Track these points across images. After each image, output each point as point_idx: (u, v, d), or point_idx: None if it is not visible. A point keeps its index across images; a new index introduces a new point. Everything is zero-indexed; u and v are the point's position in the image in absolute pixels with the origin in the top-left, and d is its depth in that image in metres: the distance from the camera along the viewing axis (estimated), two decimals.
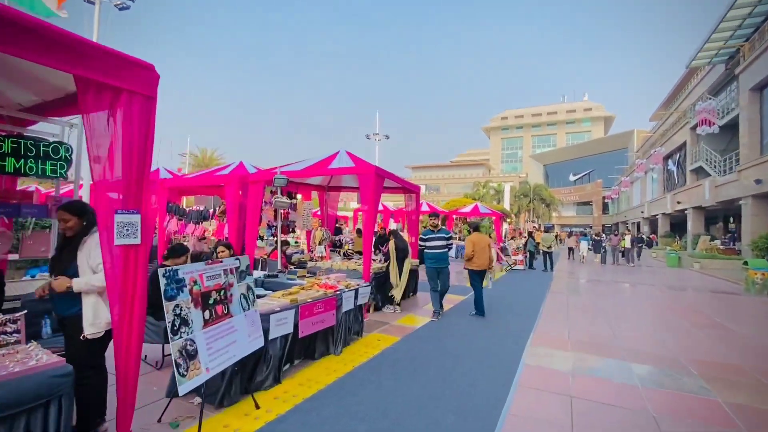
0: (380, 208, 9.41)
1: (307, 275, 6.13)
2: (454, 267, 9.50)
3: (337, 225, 11.23)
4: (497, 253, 15.00)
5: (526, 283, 11.40)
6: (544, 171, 71.03)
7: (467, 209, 20.10)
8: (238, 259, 3.33)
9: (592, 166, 62.24)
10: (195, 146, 37.45)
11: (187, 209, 8.95)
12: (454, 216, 20.82)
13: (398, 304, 7.02)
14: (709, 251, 18.38)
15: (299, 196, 10.25)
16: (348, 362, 4.33)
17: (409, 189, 8.68)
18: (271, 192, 8.11)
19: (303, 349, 4.26)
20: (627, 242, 18.69)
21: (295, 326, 3.87)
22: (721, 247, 19.03)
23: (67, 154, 3.95)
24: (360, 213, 25.18)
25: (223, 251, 4.93)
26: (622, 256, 18.99)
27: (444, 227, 6.56)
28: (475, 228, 7.33)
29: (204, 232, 8.80)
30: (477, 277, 6.90)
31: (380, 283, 6.83)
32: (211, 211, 8.75)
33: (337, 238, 9.17)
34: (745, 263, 11.28)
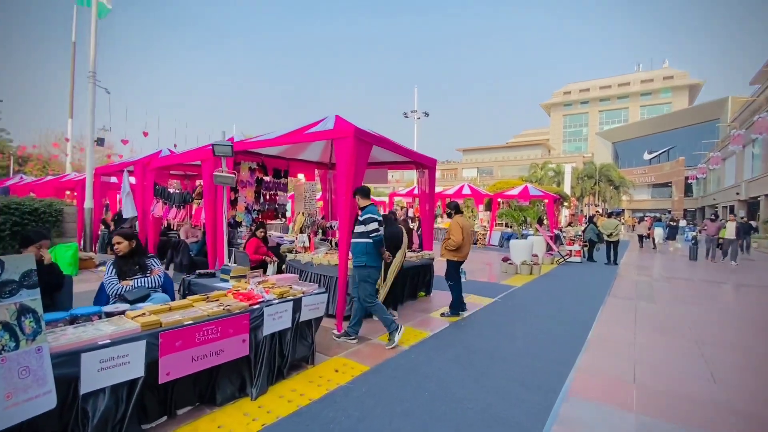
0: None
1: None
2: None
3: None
4: (548, 243, 12.62)
5: (580, 281, 9.09)
6: (613, 150, 63.76)
7: (514, 191, 17.63)
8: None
9: (673, 142, 54.50)
10: (241, 134, 37.88)
11: (171, 191, 7.97)
12: (499, 199, 18.41)
13: (393, 310, 5.36)
14: None
15: (301, 176, 8.87)
16: (263, 414, 2.80)
17: (420, 162, 6.87)
18: (250, 169, 6.78)
19: (191, 391, 2.80)
20: (729, 231, 13.22)
21: (154, 365, 2.41)
22: None
23: None
24: (396, 198, 23.46)
25: (119, 243, 3.59)
26: (719, 248, 14.00)
27: (371, 206, 4.53)
28: (456, 209, 5.70)
29: (184, 217, 7.75)
30: (458, 270, 5.64)
31: None
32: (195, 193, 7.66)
33: (329, 224, 7.62)
34: None
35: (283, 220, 8.87)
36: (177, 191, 8.09)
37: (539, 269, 9.88)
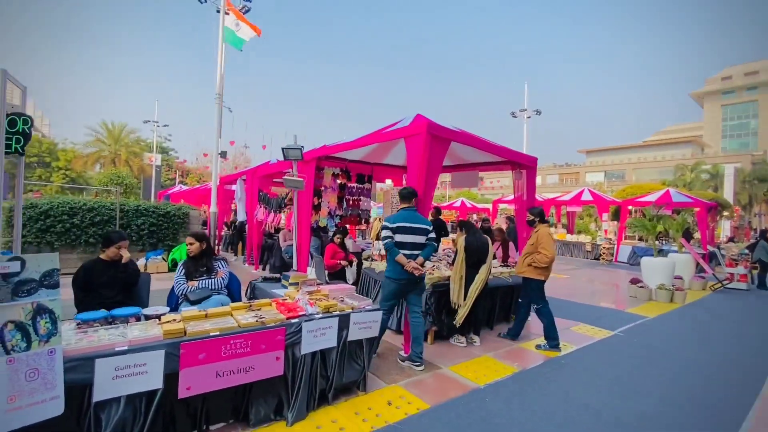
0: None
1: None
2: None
3: (434, 218, 9.05)
4: (698, 263, 9.96)
5: (744, 316, 6.79)
6: None
7: (651, 197, 14.59)
8: (19, 259, 1.89)
9: None
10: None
11: (270, 197, 8.49)
12: (630, 207, 15.47)
13: (474, 335, 4.57)
14: None
15: (389, 181, 8.62)
16: None
17: (516, 162, 5.90)
18: (333, 174, 6.72)
19: (226, 407, 2.59)
20: None
21: (173, 377, 2.23)
22: None
23: (25, 127, 3.30)
24: (501, 206, 21.71)
25: (192, 243, 3.69)
26: None
27: (402, 210, 3.86)
28: (540, 216, 4.71)
29: (279, 221, 8.13)
30: (543, 292, 4.62)
31: (447, 298, 4.54)
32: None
33: None
34: None
35: (367, 225, 8.72)
36: (277, 196, 8.61)
37: (683, 296, 7.73)
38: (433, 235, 3.89)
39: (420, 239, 3.79)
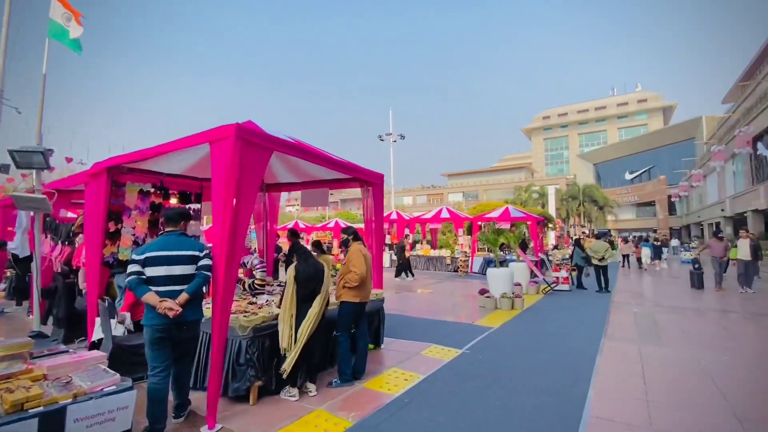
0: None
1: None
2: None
3: (279, 243, 8.20)
4: (531, 270, 11.22)
5: (569, 317, 7.65)
6: (595, 171, 64.10)
7: (495, 213, 16.41)
8: None
9: (652, 162, 54.91)
10: None
11: (60, 223, 6.43)
12: (480, 222, 17.14)
13: (309, 383, 3.78)
14: None
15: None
16: None
17: (362, 179, 5.48)
18: (143, 193, 5.29)
19: None
20: (743, 250, 10.31)
21: None
22: None
23: None
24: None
25: None
26: (726, 272, 11.47)
27: (162, 235, 3.33)
28: (354, 235, 4.36)
29: (66, 255, 6.12)
30: (352, 318, 4.15)
31: (274, 343, 3.67)
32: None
33: (243, 259, 6.07)
34: None
35: None
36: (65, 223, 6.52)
37: (522, 302, 8.42)
38: (206, 262, 3.11)
39: (186, 270, 3.06)
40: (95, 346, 4.19)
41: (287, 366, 3.43)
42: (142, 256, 2.99)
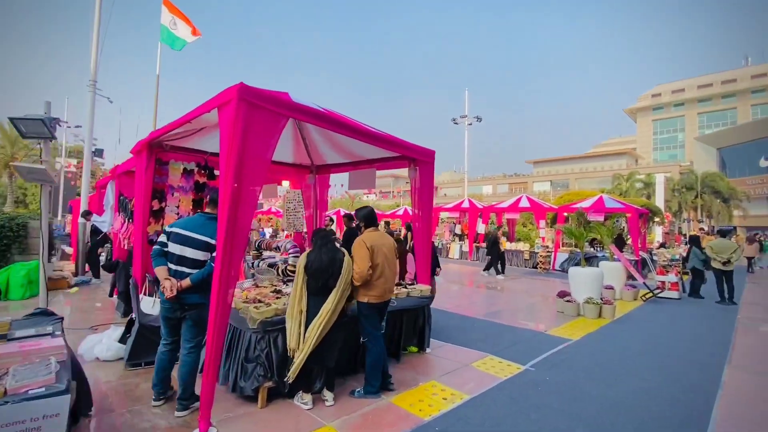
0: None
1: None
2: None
3: (327, 227, 7.78)
4: (628, 271, 9.37)
5: (676, 331, 6.05)
6: (719, 156, 53.83)
7: (586, 203, 14.28)
8: None
9: None
10: None
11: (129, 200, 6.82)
12: (566, 213, 15.11)
13: (327, 391, 3.23)
14: None
15: (285, 183, 7.21)
16: None
17: (409, 156, 4.73)
18: (186, 172, 5.23)
19: None
20: None
21: None
22: None
23: None
24: (442, 214, 20.87)
25: None
26: None
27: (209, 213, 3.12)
28: (367, 219, 3.54)
29: (132, 231, 6.44)
30: (376, 319, 3.41)
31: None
32: None
33: (276, 243, 5.68)
34: None
35: None
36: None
37: (613, 310, 6.93)
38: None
39: (197, 254, 2.96)
40: (131, 323, 4.19)
41: (294, 370, 2.91)
42: (170, 230, 3.04)
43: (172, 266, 2.96)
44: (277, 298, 3.50)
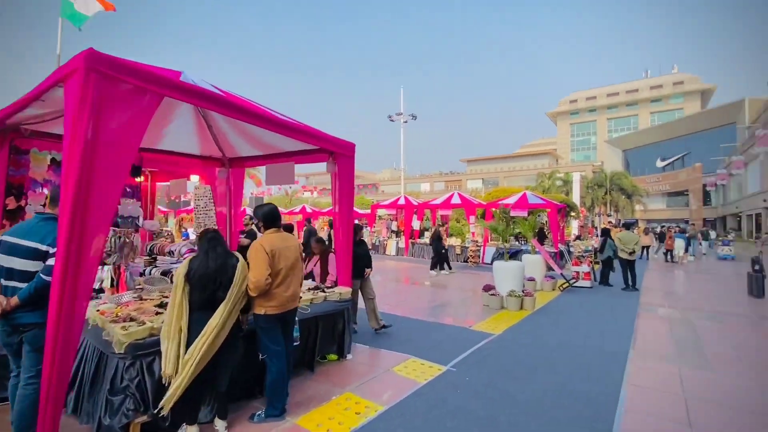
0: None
1: None
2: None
3: (247, 228, 7.17)
4: (547, 263, 9.90)
5: (588, 320, 6.42)
6: (624, 158, 60.76)
7: (511, 200, 15.00)
8: None
9: (687, 148, 51.43)
10: None
11: None
12: (494, 209, 15.78)
13: (219, 419, 2.77)
14: None
15: (195, 177, 6.47)
16: None
17: (329, 149, 4.37)
18: (54, 162, 4.36)
19: None
20: None
21: None
22: None
23: None
24: (379, 211, 20.76)
25: None
26: None
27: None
28: (267, 219, 3.09)
29: None
30: (277, 332, 3.00)
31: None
32: None
33: (170, 248, 5.07)
34: None
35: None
36: None
37: (533, 302, 7.20)
38: (52, 262, 2.15)
39: (26, 265, 2.37)
40: None
41: (168, 399, 2.42)
42: (1, 238, 2.49)
43: (3, 282, 2.40)
44: (158, 314, 2.94)
